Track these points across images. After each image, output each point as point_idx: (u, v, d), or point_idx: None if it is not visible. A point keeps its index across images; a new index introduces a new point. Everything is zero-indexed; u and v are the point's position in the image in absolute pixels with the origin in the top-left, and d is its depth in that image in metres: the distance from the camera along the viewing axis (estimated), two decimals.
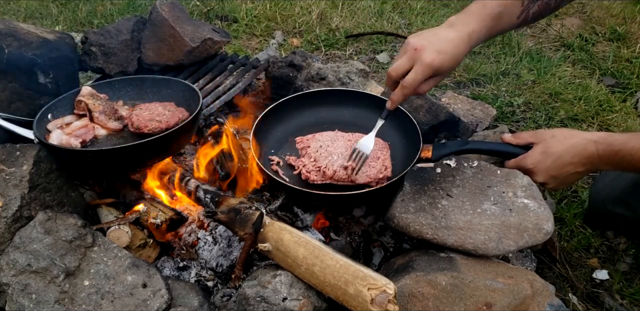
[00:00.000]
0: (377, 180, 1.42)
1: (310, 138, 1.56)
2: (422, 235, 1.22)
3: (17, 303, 1.14)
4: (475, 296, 1.13)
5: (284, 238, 1.21)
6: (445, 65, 1.28)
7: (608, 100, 2.36)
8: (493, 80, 2.52)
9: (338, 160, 1.44)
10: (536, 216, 1.22)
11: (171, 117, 1.53)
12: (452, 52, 1.28)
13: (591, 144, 1.29)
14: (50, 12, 3.14)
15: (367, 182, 1.41)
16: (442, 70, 1.30)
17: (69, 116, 1.56)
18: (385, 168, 1.44)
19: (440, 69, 1.28)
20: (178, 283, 1.29)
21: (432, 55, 1.25)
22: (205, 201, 1.44)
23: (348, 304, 1.08)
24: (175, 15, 1.84)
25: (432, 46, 1.26)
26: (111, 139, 1.52)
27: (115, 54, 1.85)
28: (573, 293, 1.53)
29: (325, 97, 1.67)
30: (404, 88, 1.31)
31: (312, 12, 3.12)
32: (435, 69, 1.27)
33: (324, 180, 1.44)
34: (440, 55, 1.26)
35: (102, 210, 1.49)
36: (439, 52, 1.26)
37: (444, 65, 1.28)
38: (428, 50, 1.26)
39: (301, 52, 2.07)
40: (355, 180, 1.41)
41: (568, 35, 2.93)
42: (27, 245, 1.19)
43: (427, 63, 1.26)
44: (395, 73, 1.32)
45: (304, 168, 1.47)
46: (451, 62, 1.29)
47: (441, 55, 1.26)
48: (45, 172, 1.33)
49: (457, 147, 1.45)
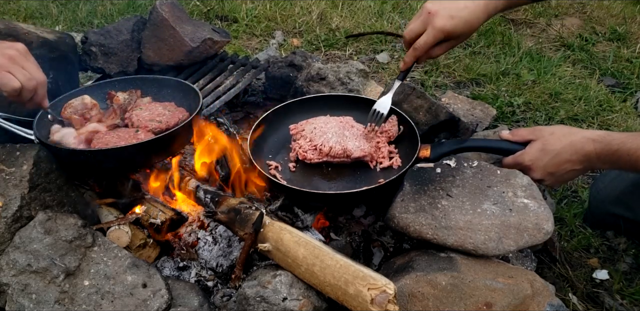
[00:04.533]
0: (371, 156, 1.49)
1: (304, 123, 1.60)
2: (422, 235, 1.22)
3: (17, 303, 1.14)
4: (475, 296, 1.13)
5: (284, 238, 1.21)
6: (458, 30, 1.31)
7: (608, 100, 2.36)
8: (493, 80, 2.52)
9: (333, 137, 1.49)
10: (536, 216, 1.22)
11: (171, 117, 1.53)
12: (466, 18, 1.30)
13: (590, 143, 1.29)
14: (50, 12, 3.14)
15: (362, 155, 1.47)
16: (455, 35, 1.33)
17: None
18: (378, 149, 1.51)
19: (452, 33, 1.31)
20: (178, 283, 1.29)
21: (444, 20, 1.29)
22: (205, 201, 1.44)
23: (348, 304, 1.08)
24: (175, 15, 1.84)
25: (446, 11, 1.29)
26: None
27: (115, 54, 1.85)
28: (573, 293, 1.53)
29: (324, 102, 1.67)
30: (415, 51, 1.35)
31: (312, 12, 3.12)
32: (447, 33, 1.31)
33: (321, 158, 1.50)
34: (454, 19, 1.29)
35: (102, 210, 1.49)
36: (452, 17, 1.29)
37: (457, 30, 1.31)
38: (441, 15, 1.29)
39: (301, 52, 2.07)
40: (351, 153, 1.46)
41: (568, 35, 2.93)
42: (27, 245, 1.19)
43: (439, 27, 1.29)
44: (409, 36, 1.36)
45: (300, 149, 1.52)
46: (464, 27, 1.31)
47: (454, 20, 1.29)
48: (45, 172, 1.33)
49: (456, 146, 1.45)
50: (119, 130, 1.51)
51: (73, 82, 1.83)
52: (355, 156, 1.47)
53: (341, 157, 1.48)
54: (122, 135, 1.46)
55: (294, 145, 1.57)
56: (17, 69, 1.28)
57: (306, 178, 1.51)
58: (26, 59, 1.31)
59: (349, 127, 1.56)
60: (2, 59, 1.26)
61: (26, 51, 1.33)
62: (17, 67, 1.28)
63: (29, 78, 1.28)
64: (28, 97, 1.32)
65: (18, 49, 1.30)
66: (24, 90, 1.28)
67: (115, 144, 1.41)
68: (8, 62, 1.26)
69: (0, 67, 1.25)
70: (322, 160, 1.51)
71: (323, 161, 1.51)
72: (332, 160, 1.50)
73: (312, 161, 1.51)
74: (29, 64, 1.31)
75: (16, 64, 1.28)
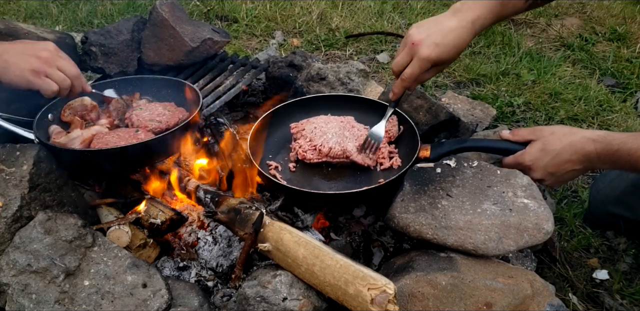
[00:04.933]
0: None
1: (305, 123, 1.60)
2: (422, 235, 1.22)
3: (17, 303, 1.14)
4: (475, 296, 1.13)
5: (284, 238, 1.21)
6: (444, 57, 1.29)
7: (608, 100, 2.36)
8: (493, 80, 2.52)
9: (332, 138, 1.49)
10: (536, 216, 1.22)
11: (171, 117, 1.53)
12: (453, 43, 1.28)
13: (590, 143, 1.29)
14: (50, 12, 3.14)
15: (361, 163, 1.48)
16: (442, 62, 1.31)
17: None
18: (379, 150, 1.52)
19: (438, 61, 1.30)
20: (178, 283, 1.29)
21: (429, 50, 1.27)
22: (205, 201, 1.44)
23: (348, 304, 1.08)
24: (175, 15, 1.84)
25: (430, 39, 1.27)
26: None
27: (115, 54, 1.85)
28: (573, 293, 1.53)
29: (324, 102, 1.67)
30: (404, 81, 1.35)
31: (312, 12, 3.12)
32: (433, 61, 1.29)
33: (320, 158, 1.50)
34: (439, 47, 1.27)
35: (102, 210, 1.48)
36: (437, 44, 1.27)
37: (443, 57, 1.29)
38: (425, 44, 1.27)
39: (301, 52, 2.07)
40: (350, 155, 1.47)
41: (568, 35, 2.93)
42: (27, 245, 1.19)
43: (424, 57, 1.28)
44: (396, 67, 1.36)
45: (300, 149, 1.52)
46: (451, 52, 1.30)
47: (439, 47, 1.27)
48: (45, 172, 1.33)
49: (456, 146, 1.45)
50: (119, 130, 1.51)
51: None
52: (354, 159, 1.47)
53: (340, 157, 1.48)
54: (122, 135, 1.46)
55: (294, 145, 1.57)
56: (53, 71, 1.35)
57: (306, 178, 1.51)
58: (59, 57, 1.38)
59: (350, 127, 1.56)
60: (38, 63, 1.32)
61: (57, 49, 1.39)
62: (53, 69, 1.34)
63: (63, 79, 1.36)
64: (66, 94, 1.40)
65: (50, 49, 1.37)
66: (61, 90, 1.37)
67: (115, 144, 1.41)
68: (45, 65, 1.33)
69: (39, 72, 1.32)
70: (321, 160, 1.51)
71: (323, 161, 1.51)
72: (332, 161, 1.50)
73: (312, 161, 1.51)
74: (62, 61, 1.38)
75: (52, 65, 1.34)
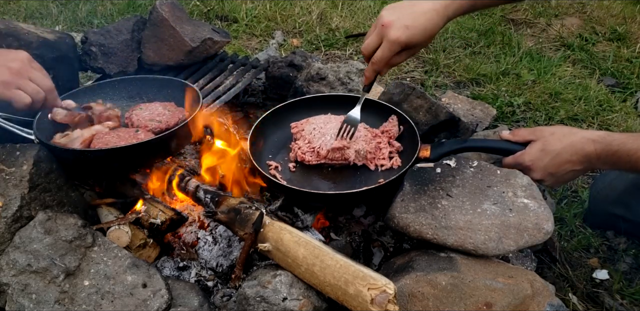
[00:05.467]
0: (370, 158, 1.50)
1: (305, 123, 1.59)
2: (422, 235, 1.22)
3: (17, 303, 1.14)
4: (475, 296, 1.13)
5: (284, 238, 1.21)
6: (415, 40, 1.26)
7: (608, 100, 2.36)
8: (493, 80, 2.52)
9: (331, 140, 1.49)
10: (536, 216, 1.22)
11: (171, 117, 1.53)
12: (423, 26, 1.25)
13: (590, 143, 1.29)
14: (50, 12, 3.14)
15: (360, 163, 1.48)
16: (412, 45, 1.28)
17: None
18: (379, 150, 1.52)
19: (409, 43, 1.26)
20: (178, 283, 1.29)
21: (399, 32, 1.24)
22: (205, 201, 1.44)
23: (348, 304, 1.08)
24: (175, 15, 1.84)
25: (400, 21, 1.24)
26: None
27: (115, 54, 1.85)
28: (573, 293, 1.53)
29: (324, 102, 1.67)
30: (374, 65, 1.31)
31: (312, 12, 3.12)
32: (403, 44, 1.26)
33: (319, 160, 1.50)
34: (409, 30, 1.24)
35: (102, 210, 1.48)
36: (407, 27, 1.24)
37: (413, 40, 1.26)
38: (395, 26, 1.24)
39: (301, 52, 2.07)
40: (349, 157, 1.46)
41: (568, 35, 2.93)
42: (27, 245, 1.19)
43: (393, 40, 1.25)
44: (366, 50, 1.32)
45: (299, 151, 1.52)
46: (421, 36, 1.26)
47: (409, 30, 1.24)
48: (45, 172, 1.33)
49: (456, 146, 1.45)
50: (119, 130, 1.51)
51: (73, 82, 1.83)
52: (352, 160, 1.47)
53: (339, 159, 1.48)
54: (122, 135, 1.46)
55: (293, 146, 1.57)
56: (25, 82, 1.27)
57: (306, 178, 1.51)
58: (32, 68, 1.30)
59: None
60: (9, 75, 1.25)
61: (30, 59, 1.31)
62: (25, 81, 1.27)
63: (37, 92, 1.29)
64: (39, 107, 1.33)
65: (22, 60, 1.29)
66: (34, 103, 1.30)
67: (115, 144, 1.41)
68: (15, 77, 1.25)
69: (10, 85, 1.24)
70: (320, 162, 1.51)
71: (322, 162, 1.51)
72: (331, 162, 1.50)
73: (311, 163, 1.51)
74: (35, 72, 1.30)
75: (23, 77, 1.27)
